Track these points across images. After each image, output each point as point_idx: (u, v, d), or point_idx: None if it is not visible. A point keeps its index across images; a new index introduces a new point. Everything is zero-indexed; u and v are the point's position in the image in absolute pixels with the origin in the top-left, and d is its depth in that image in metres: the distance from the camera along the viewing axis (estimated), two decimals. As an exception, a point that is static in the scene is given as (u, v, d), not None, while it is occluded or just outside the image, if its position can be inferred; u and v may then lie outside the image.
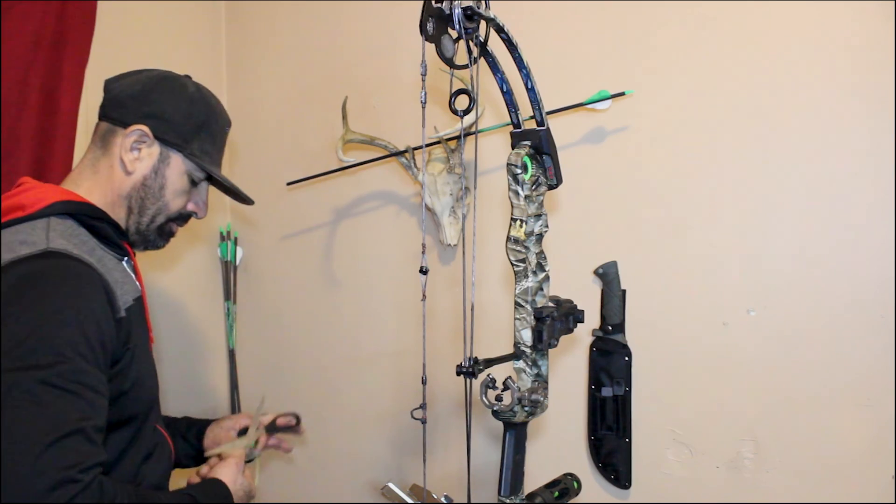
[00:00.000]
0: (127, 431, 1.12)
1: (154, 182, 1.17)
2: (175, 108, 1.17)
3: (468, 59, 0.89)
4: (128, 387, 1.08)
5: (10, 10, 1.57)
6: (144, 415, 1.16)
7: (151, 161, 1.16)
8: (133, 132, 1.14)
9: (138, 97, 1.16)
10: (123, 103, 1.16)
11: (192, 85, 1.22)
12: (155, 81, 1.19)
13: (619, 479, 1.69)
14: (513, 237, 0.95)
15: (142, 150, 1.16)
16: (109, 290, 1.04)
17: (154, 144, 1.16)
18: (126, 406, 1.09)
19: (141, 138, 1.15)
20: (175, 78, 1.21)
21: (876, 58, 1.42)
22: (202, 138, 1.20)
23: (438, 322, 1.89)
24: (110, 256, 1.13)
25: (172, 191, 1.19)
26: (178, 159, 1.18)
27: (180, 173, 1.19)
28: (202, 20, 2.26)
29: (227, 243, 2.28)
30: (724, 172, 1.57)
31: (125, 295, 1.10)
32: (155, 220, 1.19)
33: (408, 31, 1.88)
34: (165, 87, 1.18)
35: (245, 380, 2.31)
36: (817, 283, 1.49)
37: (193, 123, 1.19)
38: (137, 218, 1.18)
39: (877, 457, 1.44)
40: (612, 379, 1.68)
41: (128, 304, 1.09)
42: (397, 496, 1.11)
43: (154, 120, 1.15)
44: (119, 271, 1.12)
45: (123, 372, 1.07)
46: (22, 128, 1.61)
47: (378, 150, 1.91)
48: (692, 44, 1.59)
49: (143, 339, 1.16)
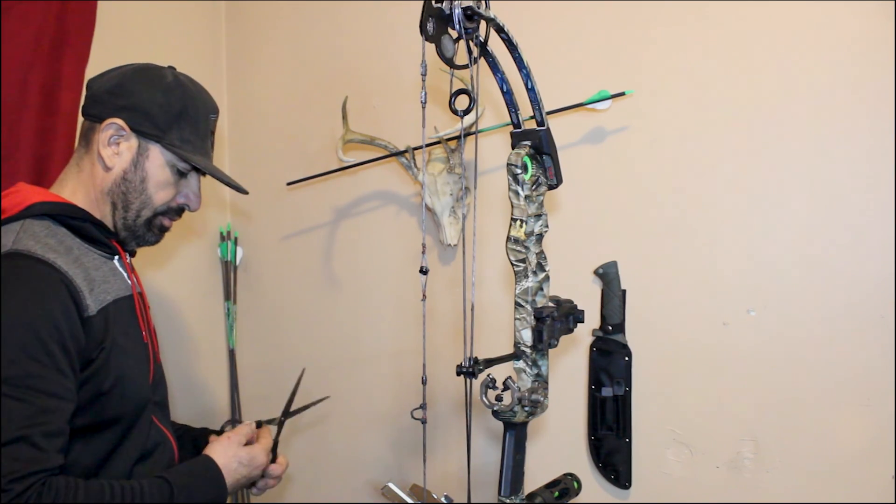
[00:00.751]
0: (113, 432, 1.10)
1: (134, 176, 1.14)
2: (150, 98, 1.13)
3: (468, 59, 0.89)
4: (108, 387, 1.06)
5: (10, 11, 1.57)
6: (134, 415, 1.13)
7: (130, 154, 1.14)
8: (108, 126, 1.12)
9: (114, 91, 1.13)
10: (100, 99, 1.14)
11: (170, 74, 1.18)
12: (130, 74, 1.16)
13: (619, 479, 1.69)
14: (513, 237, 0.95)
15: (120, 144, 1.13)
16: (74, 289, 1.02)
17: (132, 137, 1.13)
18: (108, 406, 1.07)
19: (117, 132, 1.12)
20: (152, 69, 1.18)
21: (876, 58, 1.42)
22: (181, 127, 1.16)
23: (438, 322, 1.89)
24: (94, 255, 1.12)
25: (155, 183, 1.16)
26: (156, 150, 1.15)
27: (161, 165, 1.15)
28: (202, 20, 2.25)
29: (227, 243, 2.28)
30: (725, 172, 1.57)
31: (102, 294, 1.08)
32: (141, 215, 1.17)
33: (408, 31, 1.88)
34: (141, 78, 1.15)
35: (245, 380, 2.31)
36: (817, 283, 1.49)
37: (170, 112, 1.15)
38: (123, 214, 1.16)
39: (877, 457, 1.44)
40: (612, 379, 1.68)
41: (104, 303, 1.07)
42: (397, 496, 1.11)
43: (129, 112, 1.12)
44: (103, 270, 1.11)
45: (101, 372, 1.05)
46: (22, 128, 1.60)
47: (378, 150, 1.91)
48: (692, 44, 1.59)
49: (130, 338, 1.14)
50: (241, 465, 1.20)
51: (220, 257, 2.29)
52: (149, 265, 2.03)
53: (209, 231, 2.28)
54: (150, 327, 1.23)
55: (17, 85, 1.59)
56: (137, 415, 1.14)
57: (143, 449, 1.15)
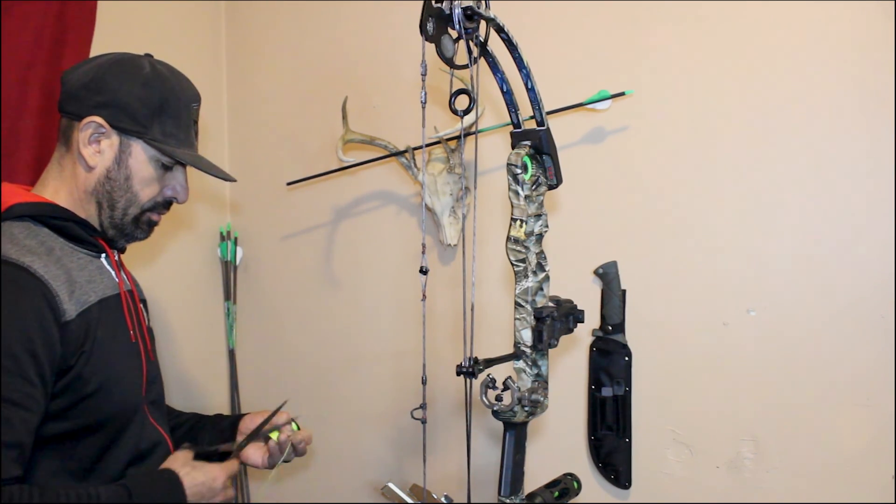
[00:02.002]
0: (104, 435, 1.08)
1: (118, 174, 1.11)
2: (129, 93, 1.09)
3: (468, 59, 0.89)
4: (92, 390, 1.03)
5: (10, 10, 1.57)
6: (125, 417, 1.11)
7: (112, 153, 1.10)
8: (87, 125, 1.08)
9: (90, 86, 1.09)
10: (77, 95, 1.10)
11: (147, 65, 1.13)
12: (106, 67, 1.11)
13: (619, 479, 1.69)
14: (513, 237, 0.95)
15: (101, 143, 1.10)
16: (50, 294, 0.99)
17: (112, 135, 1.10)
18: (94, 409, 1.05)
19: (97, 130, 1.09)
20: (129, 60, 1.13)
21: (876, 57, 1.42)
22: (163, 121, 1.12)
23: (438, 322, 1.89)
24: (79, 255, 1.10)
25: (140, 180, 1.12)
26: (139, 147, 1.11)
27: (144, 161, 1.12)
28: (202, 20, 2.25)
29: (227, 243, 2.28)
30: (724, 172, 1.57)
31: (85, 295, 1.05)
32: (128, 213, 1.14)
33: (408, 31, 1.88)
34: (117, 71, 1.10)
35: (245, 380, 2.31)
36: (817, 283, 1.49)
37: (151, 107, 1.10)
38: (109, 213, 1.13)
39: (877, 457, 1.44)
40: (612, 379, 1.68)
41: (87, 305, 1.05)
42: (397, 496, 1.11)
43: (108, 109, 1.08)
44: (88, 269, 1.09)
45: (82, 376, 1.02)
46: (22, 128, 1.60)
47: (378, 150, 1.91)
48: (692, 44, 1.59)
49: (118, 338, 1.11)
50: (195, 469, 1.11)
51: (220, 257, 2.29)
52: (149, 265, 2.03)
53: (209, 231, 2.28)
54: (141, 325, 1.19)
55: (17, 85, 1.59)
56: (129, 416, 1.11)
57: (138, 450, 1.13)
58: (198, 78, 1.24)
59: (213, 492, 1.12)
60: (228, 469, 1.16)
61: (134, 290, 1.23)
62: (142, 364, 1.16)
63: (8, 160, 1.59)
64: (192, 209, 2.20)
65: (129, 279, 1.22)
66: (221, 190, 2.31)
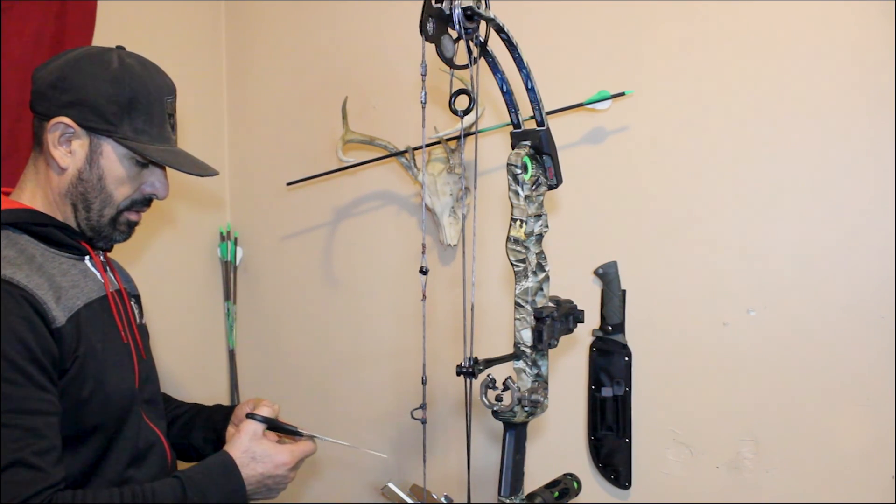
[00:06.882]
0: (100, 438, 1.07)
1: (90, 175, 1.08)
2: (96, 90, 1.05)
3: (468, 59, 0.89)
4: (87, 394, 1.03)
5: (10, 10, 1.57)
6: (120, 419, 1.09)
7: (83, 153, 1.07)
8: (55, 126, 1.05)
9: (57, 85, 1.05)
10: (45, 94, 1.06)
11: (116, 60, 1.08)
12: (73, 64, 1.07)
13: (619, 479, 1.69)
14: (513, 237, 0.95)
15: (72, 143, 1.06)
16: (37, 302, 0.97)
17: (82, 135, 1.06)
18: (90, 414, 1.04)
19: (65, 131, 1.05)
20: (97, 55, 1.08)
21: (876, 58, 1.42)
22: (133, 117, 1.07)
23: (438, 322, 1.89)
24: (62, 260, 1.08)
25: (113, 180, 1.09)
26: (109, 146, 1.07)
27: (116, 160, 1.08)
28: (202, 20, 2.25)
29: (227, 243, 2.28)
30: (724, 172, 1.57)
31: (71, 300, 1.04)
32: (104, 214, 1.10)
33: (408, 31, 1.89)
34: (84, 68, 1.06)
35: (245, 380, 2.31)
36: (817, 283, 1.49)
37: (120, 103, 1.06)
38: (85, 214, 1.10)
39: (877, 457, 1.44)
40: (612, 379, 1.68)
41: (74, 309, 1.03)
42: (397, 496, 1.11)
43: (75, 108, 1.05)
44: (71, 274, 1.07)
45: (77, 380, 1.02)
46: (22, 128, 1.61)
47: (378, 150, 1.91)
48: (692, 44, 1.59)
49: (108, 341, 1.10)
50: (254, 461, 1.11)
51: (220, 257, 2.29)
52: (148, 265, 2.03)
53: (209, 231, 2.28)
54: (131, 325, 1.18)
55: (17, 85, 1.59)
56: (124, 418, 1.10)
57: (135, 451, 1.12)
58: (198, 78, 1.24)
59: (275, 480, 1.12)
60: (298, 451, 1.17)
61: (122, 288, 1.21)
62: (134, 365, 1.15)
63: (8, 161, 1.59)
64: (192, 209, 2.21)
65: (116, 277, 1.20)
66: (221, 190, 2.31)
